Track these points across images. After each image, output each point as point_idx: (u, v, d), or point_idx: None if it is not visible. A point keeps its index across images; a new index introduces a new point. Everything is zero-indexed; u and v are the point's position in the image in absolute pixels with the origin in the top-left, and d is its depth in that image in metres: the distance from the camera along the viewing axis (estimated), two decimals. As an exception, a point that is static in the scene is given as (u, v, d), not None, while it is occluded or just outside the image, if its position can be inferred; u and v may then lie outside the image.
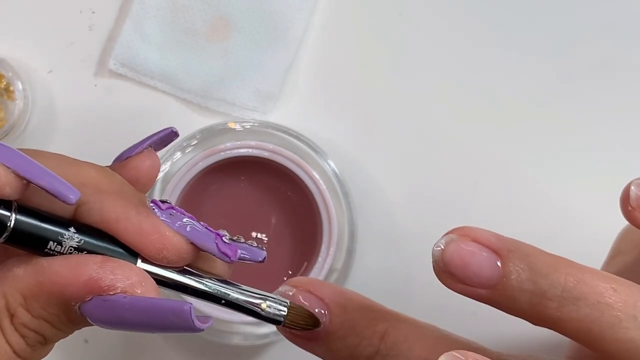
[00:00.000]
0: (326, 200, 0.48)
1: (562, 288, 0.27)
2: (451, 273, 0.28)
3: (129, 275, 0.27)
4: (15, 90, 0.50)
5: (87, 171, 0.29)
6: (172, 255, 0.28)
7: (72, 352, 0.52)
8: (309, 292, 0.32)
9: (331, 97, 0.52)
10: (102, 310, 0.27)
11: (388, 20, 0.52)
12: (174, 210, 0.29)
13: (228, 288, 0.30)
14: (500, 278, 0.28)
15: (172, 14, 0.51)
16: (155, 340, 0.52)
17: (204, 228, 0.29)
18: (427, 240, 0.51)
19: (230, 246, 0.29)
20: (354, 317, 0.31)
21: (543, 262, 0.28)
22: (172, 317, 0.27)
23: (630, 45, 0.52)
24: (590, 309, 0.27)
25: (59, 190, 0.27)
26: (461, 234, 0.29)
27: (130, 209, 0.28)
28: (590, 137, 0.52)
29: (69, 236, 0.28)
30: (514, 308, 0.28)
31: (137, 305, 0.27)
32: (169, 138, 0.32)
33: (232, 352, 0.52)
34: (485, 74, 0.52)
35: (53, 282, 0.27)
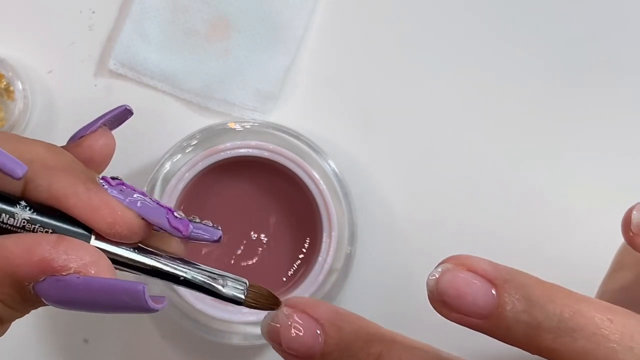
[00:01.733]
0: (326, 200, 0.48)
1: (558, 319, 0.27)
2: (446, 303, 0.28)
3: (82, 255, 0.27)
4: (15, 90, 0.50)
5: (35, 148, 0.29)
6: (123, 230, 0.28)
7: (72, 352, 0.52)
8: (304, 312, 0.32)
9: (331, 97, 0.52)
10: (55, 291, 0.27)
11: (388, 20, 0.52)
12: (124, 187, 0.29)
13: (186, 267, 0.30)
14: (496, 308, 0.27)
15: (172, 14, 0.51)
16: (156, 340, 0.52)
17: (155, 204, 0.29)
18: (427, 240, 0.51)
19: (182, 221, 0.29)
20: (349, 339, 0.31)
21: (539, 293, 0.27)
22: (125, 297, 0.26)
23: (631, 46, 0.52)
24: (586, 341, 0.27)
25: (5, 164, 0.26)
26: (456, 262, 0.28)
27: (79, 185, 0.28)
28: (591, 137, 0.52)
29: (20, 208, 0.27)
30: (509, 338, 0.28)
31: (91, 286, 0.26)
32: (123, 116, 0.32)
33: (232, 352, 0.52)
34: (485, 74, 0.52)
35: (6, 262, 0.27)
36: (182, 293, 0.48)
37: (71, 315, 0.52)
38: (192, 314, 0.48)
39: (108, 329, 0.52)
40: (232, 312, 0.48)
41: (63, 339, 0.52)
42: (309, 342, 0.31)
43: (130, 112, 0.32)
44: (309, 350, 0.31)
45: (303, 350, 0.31)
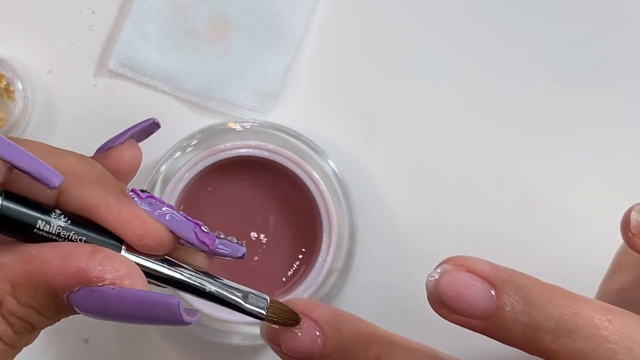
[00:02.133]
0: (326, 200, 0.48)
1: (557, 321, 0.27)
2: (445, 304, 0.28)
3: (117, 267, 0.27)
4: (15, 90, 0.50)
5: (67, 159, 0.29)
6: (153, 242, 0.28)
7: (72, 352, 0.52)
8: (303, 314, 0.32)
9: (331, 97, 0.52)
10: (90, 301, 0.27)
11: (388, 20, 0.52)
12: (154, 200, 0.30)
13: (210, 280, 0.30)
14: (495, 310, 0.28)
15: (172, 14, 0.51)
16: (156, 340, 0.52)
17: (182, 217, 0.30)
18: (427, 240, 0.51)
19: (208, 235, 0.30)
20: (348, 340, 0.31)
21: (538, 294, 0.28)
22: (160, 310, 0.27)
23: (630, 46, 0.52)
24: (585, 342, 0.27)
25: (42, 173, 0.27)
26: (455, 264, 0.28)
27: (110, 197, 0.28)
28: (591, 138, 0.52)
29: (56, 216, 0.28)
30: (508, 339, 0.28)
31: (125, 298, 0.27)
32: (150, 129, 0.32)
33: (232, 352, 0.52)
34: (485, 75, 0.52)
35: (41, 272, 0.27)
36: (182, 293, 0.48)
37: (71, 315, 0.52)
38: (192, 314, 0.48)
39: (108, 329, 0.52)
40: (232, 312, 0.48)
41: (63, 339, 0.52)
42: (308, 343, 0.31)
43: (157, 125, 0.33)
44: (308, 352, 0.31)
45: (302, 352, 0.31)
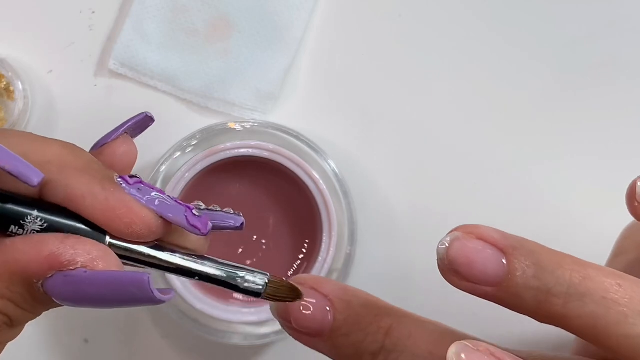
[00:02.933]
0: (326, 200, 0.48)
1: (567, 285, 0.27)
2: (456, 271, 0.28)
3: (89, 250, 0.27)
4: (15, 90, 0.50)
5: (53, 148, 0.29)
6: (141, 230, 0.28)
7: (72, 352, 0.52)
8: (312, 289, 0.32)
9: (331, 97, 0.52)
10: (63, 286, 0.27)
11: (388, 20, 0.52)
12: (142, 185, 0.29)
13: (203, 262, 0.30)
14: (506, 275, 0.27)
15: (172, 14, 0.51)
16: (156, 340, 0.52)
17: (173, 202, 0.29)
18: (427, 240, 0.51)
19: (200, 219, 0.29)
20: (359, 313, 0.31)
21: (548, 259, 0.28)
22: (131, 288, 0.26)
23: (631, 46, 0.52)
24: (596, 305, 0.27)
25: (21, 172, 0.27)
26: (466, 231, 0.28)
27: (95, 185, 0.28)
28: (591, 138, 0.52)
29: (31, 220, 0.28)
30: (519, 305, 0.28)
31: (97, 279, 0.27)
32: (144, 123, 0.32)
33: (232, 352, 0.52)
34: (485, 74, 0.52)
35: (15, 260, 0.27)
36: (182, 293, 0.48)
37: (71, 315, 0.52)
38: (192, 314, 0.48)
39: (108, 329, 0.52)
40: (232, 312, 0.48)
41: (63, 339, 0.52)
42: (319, 318, 0.31)
43: (151, 119, 0.32)
44: (318, 326, 0.31)
45: (313, 327, 0.31)
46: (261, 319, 0.48)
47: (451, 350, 0.26)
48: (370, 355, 0.31)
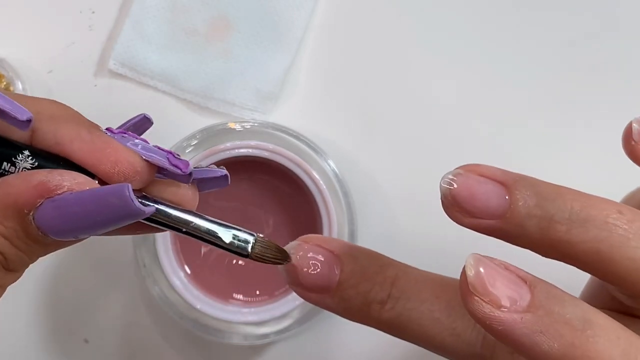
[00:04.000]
0: (326, 200, 0.48)
1: (569, 211, 0.27)
2: (460, 205, 0.29)
3: (75, 176, 0.28)
4: (15, 90, 0.50)
5: (42, 102, 0.30)
6: (127, 169, 0.29)
7: (72, 352, 0.52)
8: (318, 246, 0.32)
9: (331, 97, 0.52)
10: (52, 212, 0.28)
11: (388, 20, 0.52)
12: (127, 135, 0.30)
13: (191, 215, 0.30)
14: (508, 206, 0.28)
15: (172, 14, 0.51)
16: (156, 340, 0.52)
17: (155, 148, 0.30)
18: (427, 240, 0.51)
19: (181, 160, 0.30)
20: (364, 265, 0.32)
21: (549, 190, 0.28)
22: (113, 199, 0.27)
23: (631, 45, 0.52)
24: (598, 230, 0.27)
25: (11, 109, 0.28)
26: (467, 169, 0.29)
27: (83, 130, 0.29)
28: (592, 137, 0.52)
29: (22, 158, 0.29)
30: (523, 236, 0.28)
31: (82, 197, 0.28)
32: (142, 124, 0.33)
33: (232, 352, 0.52)
34: (485, 74, 0.52)
35: (6, 193, 0.28)
36: (182, 293, 0.48)
37: (71, 315, 0.52)
38: (192, 314, 0.48)
39: (108, 329, 0.52)
40: (232, 312, 0.48)
41: (63, 339, 0.52)
42: (326, 273, 0.32)
43: (149, 121, 0.33)
44: (326, 281, 0.32)
45: (320, 282, 0.32)
46: (261, 319, 0.48)
47: (469, 261, 0.27)
48: (378, 304, 0.31)
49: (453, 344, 0.31)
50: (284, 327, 0.49)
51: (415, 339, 0.31)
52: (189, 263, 0.49)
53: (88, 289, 0.52)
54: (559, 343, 0.26)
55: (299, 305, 0.48)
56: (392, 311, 0.31)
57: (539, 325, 0.26)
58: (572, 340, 0.26)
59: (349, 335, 0.52)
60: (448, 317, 0.31)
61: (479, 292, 0.26)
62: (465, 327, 0.31)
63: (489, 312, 0.26)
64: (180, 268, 0.48)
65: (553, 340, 0.26)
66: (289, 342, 0.52)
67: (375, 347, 0.52)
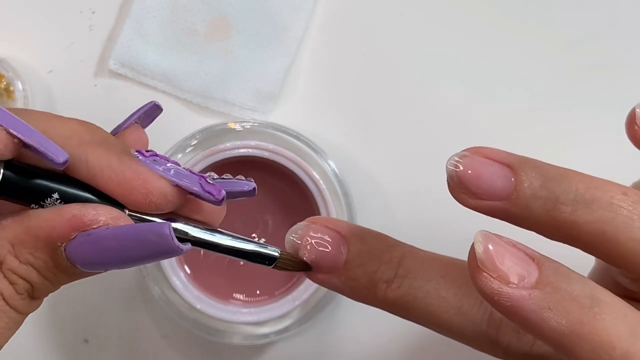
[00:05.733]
0: (326, 200, 0.48)
1: (574, 193, 0.28)
2: (466, 187, 0.29)
3: (110, 211, 0.28)
4: (15, 90, 0.50)
5: (71, 124, 0.30)
6: (158, 199, 0.29)
7: (72, 352, 0.52)
8: (325, 226, 0.32)
9: (331, 97, 0.52)
10: (86, 246, 0.28)
11: (388, 20, 0.52)
12: (158, 157, 0.30)
13: (217, 236, 0.31)
14: (514, 187, 0.28)
15: (172, 14, 0.51)
16: (156, 340, 0.52)
17: (187, 172, 0.30)
18: (427, 240, 0.51)
19: (214, 186, 0.30)
20: (371, 245, 0.32)
21: (554, 171, 0.28)
22: (152, 237, 0.27)
23: (631, 45, 0.52)
24: (603, 211, 0.27)
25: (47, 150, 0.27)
26: (473, 151, 0.29)
27: (112, 157, 0.29)
28: (592, 137, 0.52)
29: (51, 202, 0.29)
30: (529, 217, 0.28)
31: (119, 232, 0.28)
32: (152, 111, 0.33)
33: (232, 352, 0.52)
34: (485, 74, 0.52)
35: (39, 226, 0.28)
36: (182, 293, 0.48)
37: (71, 315, 0.52)
38: (192, 314, 0.48)
39: (108, 329, 0.52)
40: (232, 312, 0.48)
41: (63, 339, 0.52)
42: (334, 253, 0.32)
43: (159, 108, 0.33)
44: (333, 262, 0.32)
45: (327, 263, 0.32)
46: (261, 319, 0.48)
47: (477, 238, 0.27)
48: (384, 283, 0.31)
49: (459, 322, 0.31)
50: (284, 327, 0.49)
51: (421, 318, 0.31)
52: (189, 263, 0.49)
53: (88, 289, 0.52)
54: (566, 319, 0.26)
55: (299, 305, 0.48)
56: (399, 290, 0.31)
57: (547, 302, 0.26)
58: (580, 317, 0.26)
59: (349, 335, 0.52)
60: (454, 296, 0.31)
61: (487, 268, 0.26)
62: (472, 306, 0.31)
63: (497, 288, 0.26)
64: (180, 268, 0.48)
65: (561, 317, 0.26)
66: (289, 342, 0.52)
67: (375, 347, 0.52)
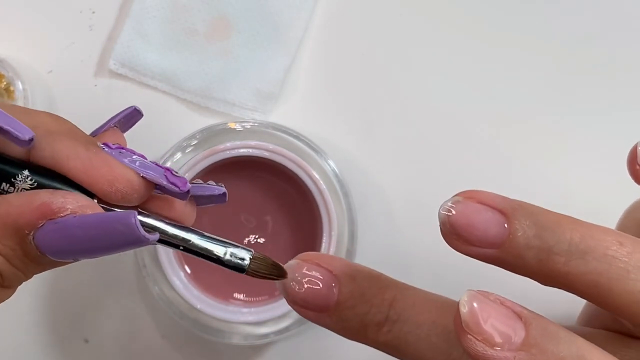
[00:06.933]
0: (326, 200, 0.48)
1: (568, 243, 0.27)
2: (458, 234, 0.28)
3: (78, 199, 0.28)
4: (15, 90, 0.50)
5: (39, 115, 0.30)
6: (124, 187, 0.29)
7: (72, 352, 0.52)
8: (317, 265, 0.32)
9: (331, 97, 0.52)
10: (53, 234, 0.28)
11: (388, 20, 0.52)
12: (124, 150, 0.30)
13: (189, 233, 0.30)
14: (507, 236, 0.28)
15: (172, 14, 0.51)
16: (155, 340, 0.52)
17: (153, 165, 0.30)
18: (427, 240, 0.51)
19: (179, 178, 0.30)
20: (363, 286, 0.32)
21: (548, 219, 0.28)
22: (118, 226, 0.27)
23: (631, 46, 0.52)
24: (597, 262, 0.27)
25: (14, 127, 0.27)
26: (467, 196, 0.29)
27: (79, 147, 0.29)
28: (592, 136, 0.52)
29: (21, 178, 0.28)
30: (522, 266, 0.28)
31: (86, 221, 0.28)
32: (132, 116, 0.33)
33: (232, 352, 0.52)
34: (485, 74, 0.52)
35: (7, 212, 0.28)
36: (182, 293, 0.48)
37: (71, 315, 0.52)
38: (192, 314, 0.48)
39: (108, 329, 0.52)
40: (232, 312, 0.48)
41: (63, 339, 0.52)
42: (325, 293, 0.32)
43: (139, 113, 0.33)
44: (324, 301, 0.32)
45: (318, 302, 0.32)
46: (261, 319, 0.48)
47: (463, 298, 0.26)
48: (375, 326, 0.31)
49: None
50: (284, 327, 0.49)
51: None
52: (188, 263, 0.49)
53: (88, 288, 0.52)
54: None
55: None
56: (390, 334, 0.31)
57: None
58: None
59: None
60: (445, 343, 0.30)
61: (472, 330, 0.26)
62: (462, 354, 0.30)
63: (482, 351, 0.26)
64: (180, 268, 0.48)
65: None
66: (289, 342, 0.52)
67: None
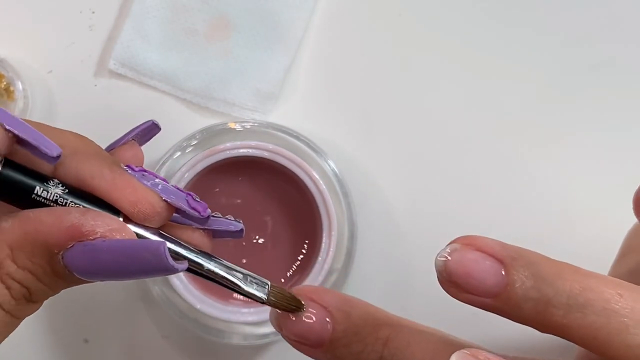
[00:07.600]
0: (326, 200, 0.48)
1: (567, 295, 0.27)
2: (455, 283, 0.28)
3: (108, 222, 0.28)
4: (15, 90, 0.50)
5: (66, 135, 0.30)
6: (146, 209, 0.29)
7: (72, 352, 0.52)
8: (312, 300, 0.32)
9: (331, 97, 0.52)
10: (82, 255, 0.28)
11: (388, 20, 0.52)
12: (146, 173, 0.30)
13: (209, 259, 0.30)
14: (505, 286, 0.27)
15: (172, 14, 0.51)
16: (156, 340, 0.52)
17: (175, 189, 0.30)
18: (427, 240, 0.51)
19: (200, 203, 0.30)
20: (358, 324, 0.32)
21: (547, 270, 0.27)
22: (147, 255, 0.27)
23: (631, 46, 0.52)
24: (596, 316, 0.27)
25: (42, 144, 0.28)
26: (464, 243, 0.28)
27: (104, 167, 0.29)
28: (592, 136, 0.52)
29: (54, 184, 0.29)
30: (519, 316, 0.28)
31: (115, 247, 0.28)
32: (150, 130, 0.33)
33: (232, 352, 0.52)
34: (485, 74, 0.52)
35: (38, 231, 0.28)
36: (182, 293, 0.48)
37: (71, 315, 0.52)
38: (192, 314, 0.48)
39: (108, 329, 0.52)
40: (232, 312, 0.48)
41: (63, 339, 0.52)
42: (318, 329, 0.32)
43: (157, 127, 0.33)
44: (318, 337, 0.31)
45: (313, 338, 0.32)
46: (261, 319, 0.48)
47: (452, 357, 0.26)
48: None
49: None
50: (284, 327, 0.49)
51: None
52: (189, 263, 0.49)
53: (88, 288, 0.52)
54: None
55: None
56: None
57: None
58: None
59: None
60: None
61: None
62: None
63: None
64: (180, 268, 0.48)
65: None
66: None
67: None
